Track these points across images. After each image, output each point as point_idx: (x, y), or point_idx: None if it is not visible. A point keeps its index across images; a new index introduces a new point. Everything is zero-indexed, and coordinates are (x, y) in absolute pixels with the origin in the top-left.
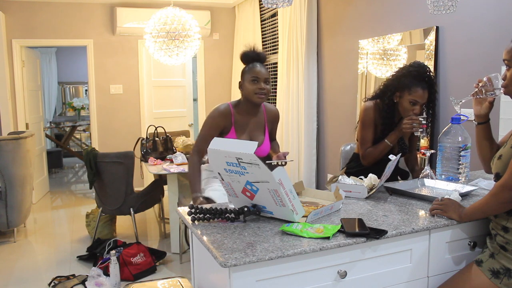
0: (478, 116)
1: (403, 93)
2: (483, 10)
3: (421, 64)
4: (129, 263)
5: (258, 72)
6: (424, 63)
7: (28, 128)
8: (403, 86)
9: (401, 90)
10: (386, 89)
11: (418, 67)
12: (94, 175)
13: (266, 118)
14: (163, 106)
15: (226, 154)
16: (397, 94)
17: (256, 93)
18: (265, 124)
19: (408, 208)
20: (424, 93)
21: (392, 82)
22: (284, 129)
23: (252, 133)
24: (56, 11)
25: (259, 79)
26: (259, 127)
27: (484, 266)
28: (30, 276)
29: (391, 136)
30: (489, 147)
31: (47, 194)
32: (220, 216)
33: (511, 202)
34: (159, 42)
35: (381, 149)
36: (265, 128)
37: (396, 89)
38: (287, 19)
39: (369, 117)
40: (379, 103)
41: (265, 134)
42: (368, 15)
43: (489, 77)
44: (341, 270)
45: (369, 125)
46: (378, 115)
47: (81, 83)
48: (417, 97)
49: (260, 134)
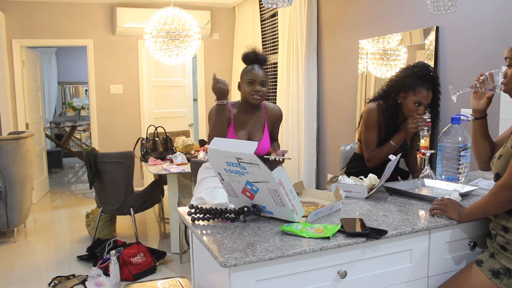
0: (475, 111)
1: (407, 94)
2: (483, 10)
3: (425, 65)
4: (129, 263)
5: (255, 74)
6: (428, 64)
7: (28, 128)
8: (408, 86)
9: (405, 90)
10: (390, 90)
11: (422, 68)
12: (94, 175)
13: (266, 117)
14: (163, 106)
15: (226, 154)
16: (401, 95)
17: (252, 94)
18: (265, 123)
19: (408, 208)
20: (429, 93)
21: (396, 82)
22: (284, 129)
23: (250, 130)
24: (56, 11)
25: (255, 82)
26: (258, 125)
27: (484, 266)
28: (30, 276)
29: (396, 137)
30: (485, 144)
31: (47, 194)
32: (220, 216)
33: (511, 201)
34: (159, 42)
35: (386, 151)
36: (265, 126)
37: (400, 89)
38: (287, 19)
39: (373, 119)
40: (382, 104)
41: (263, 132)
42: (368, 15)
43: (490, 73)
44: (341, 270)
45: (373, 127)
46: (381, 117)
47: (81, 83)
48: (422, 98)
49: (258, 131)
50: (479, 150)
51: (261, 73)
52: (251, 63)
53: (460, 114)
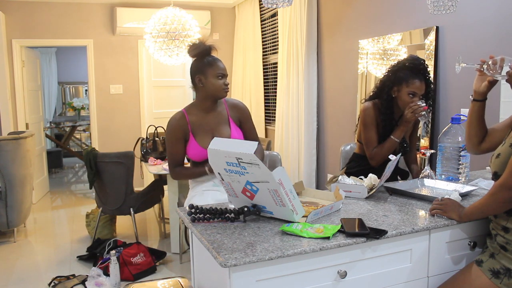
0: (476, 92)
1: (400, 87)
2: (483, 10)
3: (415, 57)
4: (129, 263)
5: (224, 69)
6: (418, 56)
7: (28, 128)
8: (400, 79)
9: (398, 84)
10: (383, 86)
11: (412, 60)
12: (94, 175)
13: (229, 111)
14: (163, 106)
15: (226, 154)
16: (394, 89)
17: (223, 88)
18: (228, 118)
19: (408, 208)
20: (422, 84)
21: (389, 77)
22: (284, 129)
23: (215, 129)
24: (56, 11)
25: (224, 75)
26: (222, 121)
27: (484, 266)
28: (30, 276)
29: (397, 131)
30: (477, 128)
31: (47, 194)
32: (220, 216)
33: (510, 202)
34: (159, 42)
35: (388, 146)
36: (229, 120)
37: (393, 83)
38: (287, 19)
39: (370, 117)
40: (378, 102)
41: (230, 127)
42: (368, 15)
43: (502, 58)
44: (341, 270)
45: (371, 125)
46: (378, 114)
47: (81, 83)
48: (415, 89)
49: (223, 128)
50: (471, 132)
51: (224, 66)
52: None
53: (460, 114)
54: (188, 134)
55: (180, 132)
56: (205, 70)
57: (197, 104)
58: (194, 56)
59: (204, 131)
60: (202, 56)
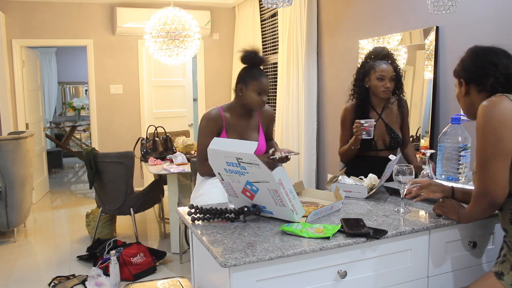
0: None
1: (369, 75)
2: (483, 10)
3: (377, 48)
4: (129, 263)
5: (266, 86)
6: (379, 46)
7: (28, 128)
8: (368, 69)
9: (367, 74)
10: (356, 81)
11: (375, 50)
12: (94, 175)
13: (260, 119)
14: (163, 106)
15: (226, 154)
16: (366, 79)
17: (259, 104)
18: (259, 125)
19: (408, 208)
20: (388, 66)
21: (358, 72)
22: (284, 129)
23: (244, 134)
24: (56, 11)
25: (264, 93)
26: (253, 128)
27: (506, 280)
28: (30, 276)
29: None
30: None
31: (47, 194)
32: (220, 216)
33: (491, 206)
34: (159, 42)
35: (346, 149)
36: (259, 128)
37: (364, 75)
38: (287, 19)
39: (343, 118)
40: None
41: (259, 134)
42: (368, 15)
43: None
44: (341, 270)
45: (345, 125)
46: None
47: (81, 83)
48: (382, 72)
49: (253, 133)
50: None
51: (268, 83)
52: (250, 63)
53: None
54: (221, 129)
55: (215, 126)
56: (248, 81)
57: (232, 107)
58: (245, 64)
59: (235, 131)
60: (251, 66)
